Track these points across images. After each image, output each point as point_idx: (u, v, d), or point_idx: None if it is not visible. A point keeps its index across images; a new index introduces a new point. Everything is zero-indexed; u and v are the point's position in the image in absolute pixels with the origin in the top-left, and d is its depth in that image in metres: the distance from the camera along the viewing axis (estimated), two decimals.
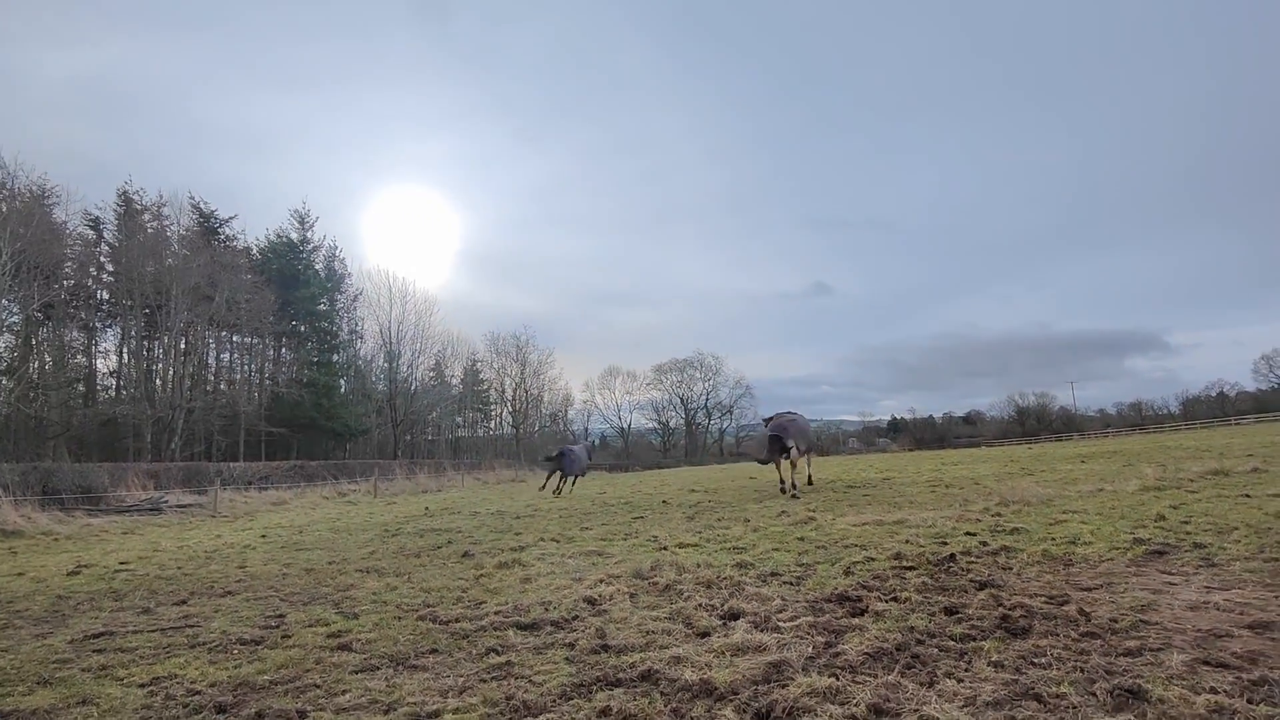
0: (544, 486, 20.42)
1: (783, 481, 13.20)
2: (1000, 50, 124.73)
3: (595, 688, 3.13)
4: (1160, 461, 13.81)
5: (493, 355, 68.39)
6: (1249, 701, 2.51)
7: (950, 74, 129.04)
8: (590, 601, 4.83)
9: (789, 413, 14.31)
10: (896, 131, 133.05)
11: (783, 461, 13.13)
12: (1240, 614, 3.59)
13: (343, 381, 50.81)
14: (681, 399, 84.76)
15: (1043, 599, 4.12)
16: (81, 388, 36.85)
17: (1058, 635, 3.43)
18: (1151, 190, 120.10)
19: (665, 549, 7.12)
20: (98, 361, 38.86)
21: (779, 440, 12.86)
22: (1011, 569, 5.10)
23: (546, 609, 4.71)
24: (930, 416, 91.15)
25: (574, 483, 20.88)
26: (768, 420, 14.27)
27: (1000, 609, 3.93)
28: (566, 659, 3.60)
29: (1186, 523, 6.44)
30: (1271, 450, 14.59)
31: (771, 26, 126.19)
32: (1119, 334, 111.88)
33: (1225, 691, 2.60)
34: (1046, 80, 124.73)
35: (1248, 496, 7.83)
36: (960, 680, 2.92)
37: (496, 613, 4.68)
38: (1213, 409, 72.90)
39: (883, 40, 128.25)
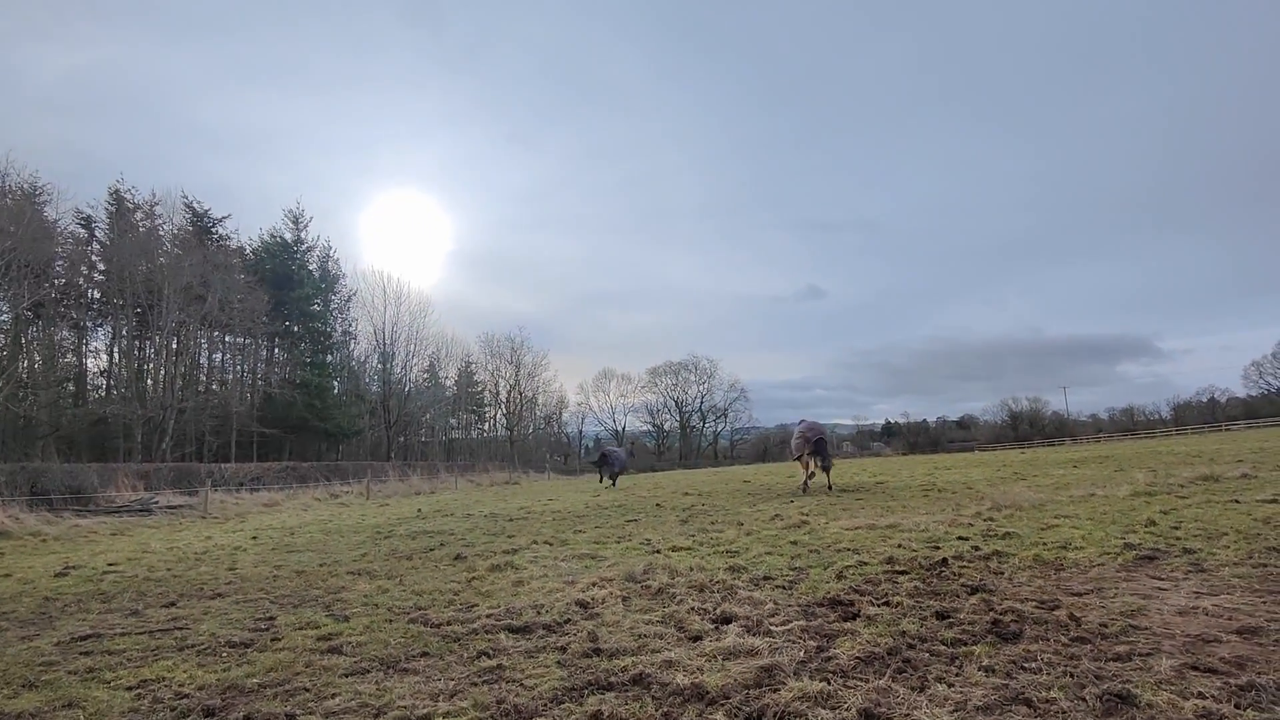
0: (602, 481, 24.55)
1: (807, 481, 14.60)
2: (992, 54, 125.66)
3: (586, 691, 3.12)
4: (1151, 467, 13.91)
5: (487, 357, 68.33)
6: (1237, 707, 2.53)
7: (944, 79, 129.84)
8: (583, 605, 4.83)
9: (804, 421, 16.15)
10: (887, 136, 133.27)
11: (811, 463, 14.59)
12: (1229, 619, 3.62)
13: (336, 382, 50.53)
14: (676, 402, 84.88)
15: (1034, 604, 4.14)
16: (71, 387, 36.58)
17: (1048, 640, 3.44)
18: (1142, 195, 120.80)
19: (658, 552, 7.12)
20: (88, 361, 38.66)
21: (822, 444, 14.61)
22: (1003, 574, 5.12)
23: (539, 612, 4.70)
24: (924, 420, 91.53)
25: (615, 479, 24.74)
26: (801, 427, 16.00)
27: (991, 613, 3.94)
28: (558, 662, 3.59)
29: (1176, 528, 6.48)
30: (1261, 456, 14.71)
31: (758, 35, 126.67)
32: (1110, 339, 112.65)
33: (1213, 696, 2.62)
34: (1037, 86, 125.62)
35: (1237, 502, 7.89)
36: (951, 685, 2.92)
37: (488, 616, 4.66)
38: (1204, 414, 73.46)
39: (871, 47, 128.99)
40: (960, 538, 6.75)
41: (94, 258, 38.61)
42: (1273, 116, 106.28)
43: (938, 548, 6.28)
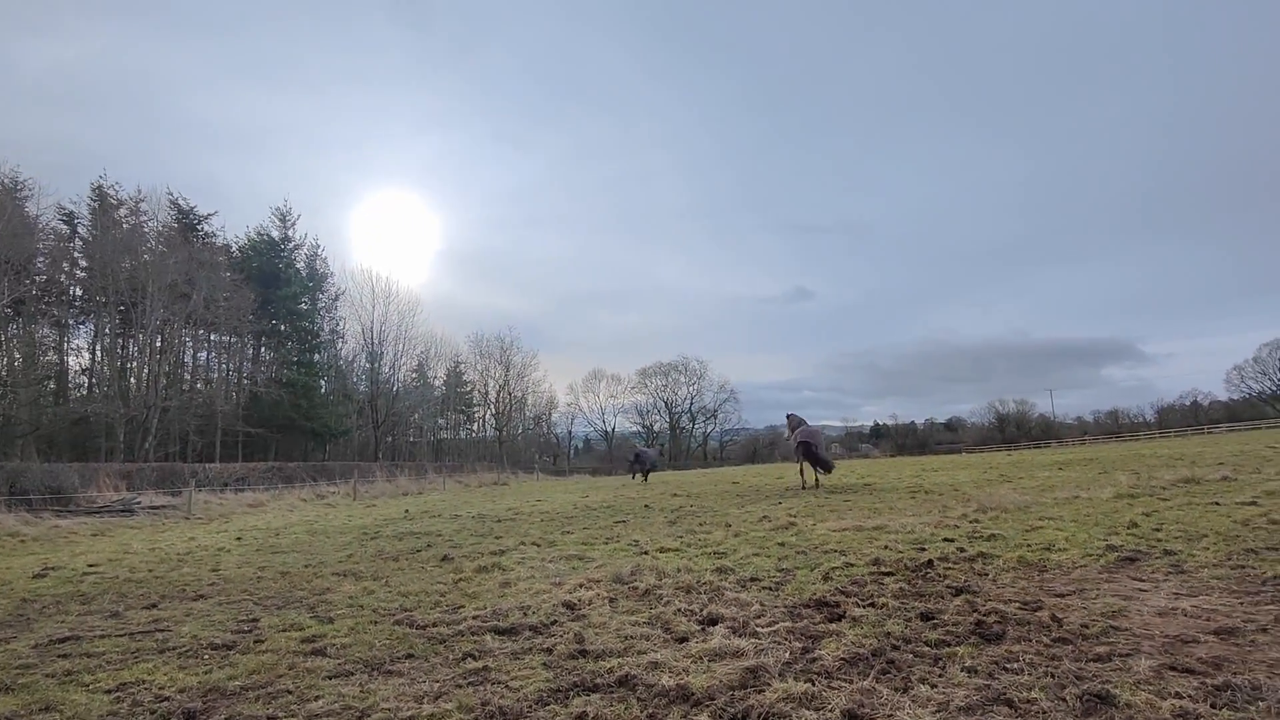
0: (634, 478, 27.39)
1: (804, 479, 15.39)
2: (982, 58, 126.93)
3: (572, 693, 3.11)
4: (1134, 469, 14.09)
5: (476, 357, 68.08)
6: (1213, 706, 2.56)
7: (934, 82, 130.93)
8: (569, 606, 4.82)
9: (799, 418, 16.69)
10: (876, 138, 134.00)
11: (807, 464, 15.26)
12: (1207, 620, 3.67)
13: (323, 382, 50.11)
14: (666, 403, 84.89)
15: (1017, 605, 4.18)
16: (52, 385, 36.01)
17: (1030, 641, 3.47)
18: (1127, 201, 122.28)
19: (646, 553, 7.12)
20: (69, 359, 38.13)
21: (809, 446, 15.02)
22: (987, 575, 5.16)
23: (525, 613, 4.68)
24: (912, 422, 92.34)
25: (646, 476, 26.74)
26: (791, 425, 16.46)
27: (975, 615, 3.97)
28: (544, 664, 3.58)
29: (1158, 530, 6.56)
30: (1241, 459, 14.93)
31: (747, 37, 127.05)
32: (1096, 342, 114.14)
33: (1190, 696, 2.65)
34: (1028, 90, 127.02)
35: (1217, 504, 8.00)
36: (934, 686, 2.95)
37: (474, 617, 4.64)
38: (1186, 418, 74.57)
39: (861, 50, 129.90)
40: (946, 539, 6.80)
41: (76, 254, 38.09)
42: (1259, 123, 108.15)
43: (923, 549, 6.32)
